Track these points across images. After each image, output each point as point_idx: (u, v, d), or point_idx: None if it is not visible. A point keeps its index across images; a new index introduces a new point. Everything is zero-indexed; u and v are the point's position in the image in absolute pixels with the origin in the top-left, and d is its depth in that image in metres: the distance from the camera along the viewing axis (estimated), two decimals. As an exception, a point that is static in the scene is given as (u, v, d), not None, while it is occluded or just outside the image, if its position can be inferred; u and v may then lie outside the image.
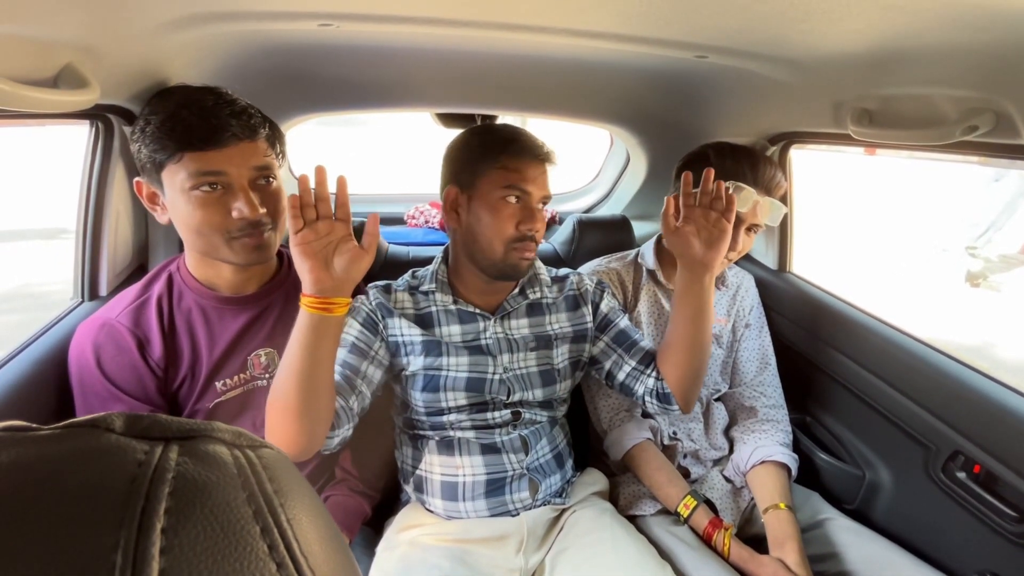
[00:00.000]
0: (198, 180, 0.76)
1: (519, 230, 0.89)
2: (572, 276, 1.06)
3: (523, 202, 0.89)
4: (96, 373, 0.81)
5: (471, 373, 0.93)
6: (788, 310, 1.30)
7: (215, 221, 0.78)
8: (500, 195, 0.88)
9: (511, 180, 0.88)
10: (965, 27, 0.60)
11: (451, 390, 0.92)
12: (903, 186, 5.70)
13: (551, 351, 0.99)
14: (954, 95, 0.75)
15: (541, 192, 0.90)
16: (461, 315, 0.96)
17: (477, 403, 0.94)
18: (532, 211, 0.89)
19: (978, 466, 0.89)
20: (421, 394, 0.92)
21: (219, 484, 0.20)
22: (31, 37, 0.56)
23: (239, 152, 0.78)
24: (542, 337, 0.99)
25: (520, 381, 0.96)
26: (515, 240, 0.89)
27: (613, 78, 1.21)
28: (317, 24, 0.77)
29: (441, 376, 0.92)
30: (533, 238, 0.90)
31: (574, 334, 1.01)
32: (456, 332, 0.95)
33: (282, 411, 0.74)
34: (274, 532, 0.20)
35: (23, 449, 0.19)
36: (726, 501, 1.09)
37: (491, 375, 0.94)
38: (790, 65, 0.89)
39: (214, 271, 0.88)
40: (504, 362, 0.95)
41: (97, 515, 0.17)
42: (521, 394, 0.96)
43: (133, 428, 0.21)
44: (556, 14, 0.76)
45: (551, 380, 0.98)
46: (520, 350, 0.97)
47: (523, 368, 0.97)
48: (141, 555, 0.17)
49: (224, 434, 0.22)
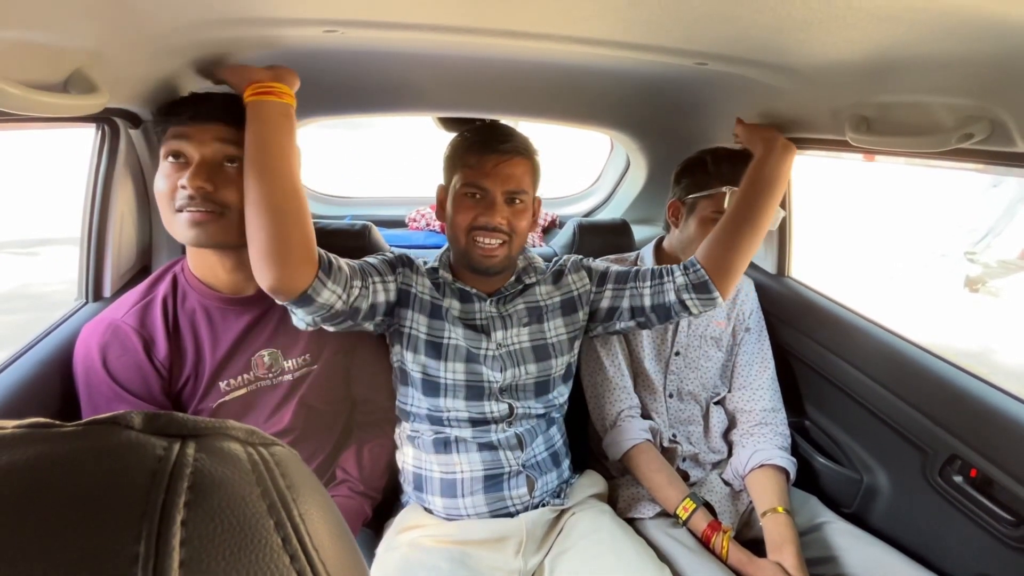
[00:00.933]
0: (167, 149, 0.82)
1: (477, 221, 0.93)
2: (557, 259, 1.11)
3: (484, 198, 0.93)
4: (102, 373, 0.82)
5: (468, 346, 0.96)
6: (787, 314, 1.31)
7: (165, 191, 0.82)
8: (463, 191, 0.94)
9: (470, 177, 0.93)
10: (960, 38, 0.61)
11: (451, 360, 0.95)
12: (902, 191, 5.72)
13: (543, 324, 1.01)
14: (950, 103, 0.76)
15: (503, 186, 0.92)
16: (461, 293, 1.00)
17: (473, 383, 0.96)
18: (492, 204, 0.92)
19: (975, 470, 0.90)
20: (423, 358, 0.95)
21: (234, 479, 0.21)
22: (43, 43, 0.57)
23: (206, 131, 0.81)
24: (534, 310, 1.02)
25: (513, 357, 0.98)
26: (474, 229, 0.93)
27: (613, 84, 1.22)
28: (322, 31, 0.78)
29: (442, 343, 0.96)
30: (495, 228, 0.92)
31: (563, 304, 1.03)
32: (456, 306, 0.99)
33: (253, 216, 0.76)
34: (287, 526, 0.21)
35: (48, 445, 0.20)
36: (725, 504, 1.10)
37: (485, 350, 0.97)
38: (788, 72, 0.90)
39: (210, 270, 0.89)
40: (498, 338, 0.98)
41: (120, 507, 0.18)
42: (514, 371, 0.98)
43: (151, 425, 0.21)
44: (558, 22, 0.77)
45: (545, 355, 1.00)
46: (513, 326, 1.00)
47: (516, 344, 0.99)
48: (163, 546, 0.17)
49: (238, 432, 0.23)
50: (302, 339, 0.94)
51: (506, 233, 0.94)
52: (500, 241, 0.93)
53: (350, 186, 1.71)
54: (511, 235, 0.94)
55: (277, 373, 0.93)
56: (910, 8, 0.54)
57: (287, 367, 0.94)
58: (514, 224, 0.94)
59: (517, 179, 0.94)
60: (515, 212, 0.94)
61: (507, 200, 0.93)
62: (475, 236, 0.93)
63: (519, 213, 0.95)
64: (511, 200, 0.94)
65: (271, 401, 0.93)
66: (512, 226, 0.94)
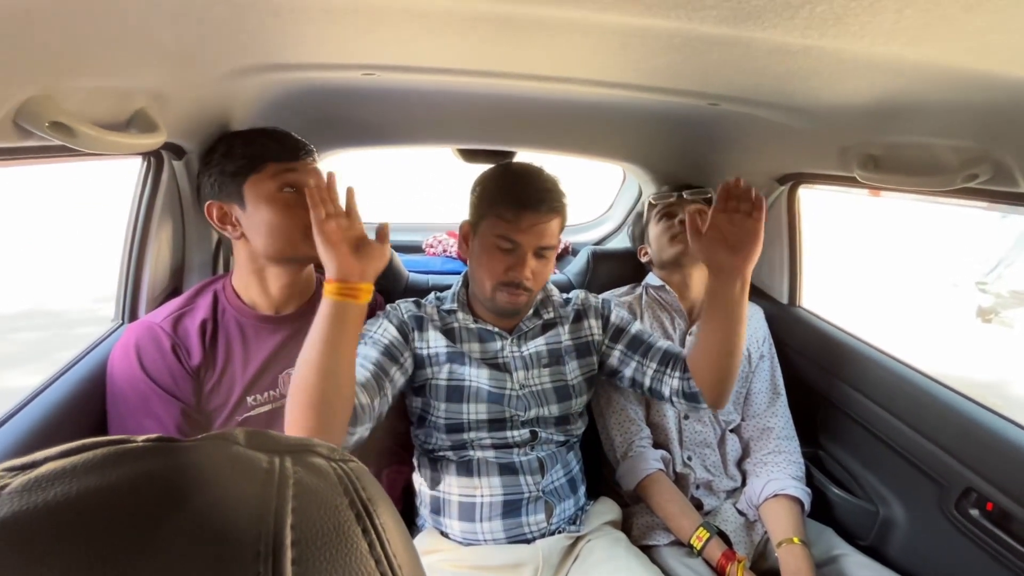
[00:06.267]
0: (282, 183, 0.90)
1: (507, 275, 0.93)
2: (576, 294, 1.11)
3: (515, 251, 0.92)
4: (138, 370, 0.87)
5: (492, 387, 0.97)
6: (799, 343, 1.32)
7: (295, 220, 0.90)
8: (494, 241, 0.93)
9: (503, 230, 0.92)
10: (959, 88, 0.65)
11: (473, 401, 0.96)
12: (914, 221, 5.73)
13: (563, 367, 1.02)
14: (954, 145, 0.79)
15: (536, 242, 0.92)
16: (481, 333, 1.01)
17: (497, 419, 0.97)
18: (522, 259, 0.92)
19: (991, 504, 0.90)
20: (444, 404, 0.96)
21: (327, 490, 0.24)
22: (113, 87, 0.62)
23: (307, 166, 0.93)
24: (554, 352, 1.03)
25: (536, 397, 0.99)
26: (502, 283, 0.93)
27: (628, 120, 1.27)
28: (361, 73, 0.84)
29: (464, 387, 0.96)
30: (521, 284, 0.93)
31: (577, 347, 1.05)
32: (476, 349, 1.00)
33: (303, 405, 0.74)
34: (371, 533, 0.24)
35: (173, 457, 0.23)
36: (739, 535, 1.09)
37: (509, 391, 0.98)
38: (798, 113, 0.95)
39: (262, 289, 0.96)
40: (520, 379, 0.99)
41: (241, 512, 0.21)
42: (538, 410, 0.99)
43: (252, 442, 0.25)
44: (577, 67, 0.83)
45: (566, 396, 1.02)
46: (535, 366, 1.01)
47: (538, 384, 1.00)
48: (278, 546, 0.20)
49: (322, 449, 0.27)
50: None
51: (531, 287, 0.95)
52: (525, 293, 0.95)
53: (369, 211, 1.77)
54: (535, 285, 0.96)
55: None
56: (909, 63, 0.59)
57: (312, 387, 0.97)
58: (540, 275, 0.95)
59: (549, 236, 0.94)
60: (542, 264, 0.95)
61: (536, 254, 0.94)
62: (503, 289, 0.94)
63: (546, 264, 0.96)
64: (540, 255, 0.94)
65: None
66: (538, 278, 0.95)
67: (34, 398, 0.82)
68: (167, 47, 0.62)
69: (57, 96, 0.55)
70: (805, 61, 0.65)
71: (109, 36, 0.55)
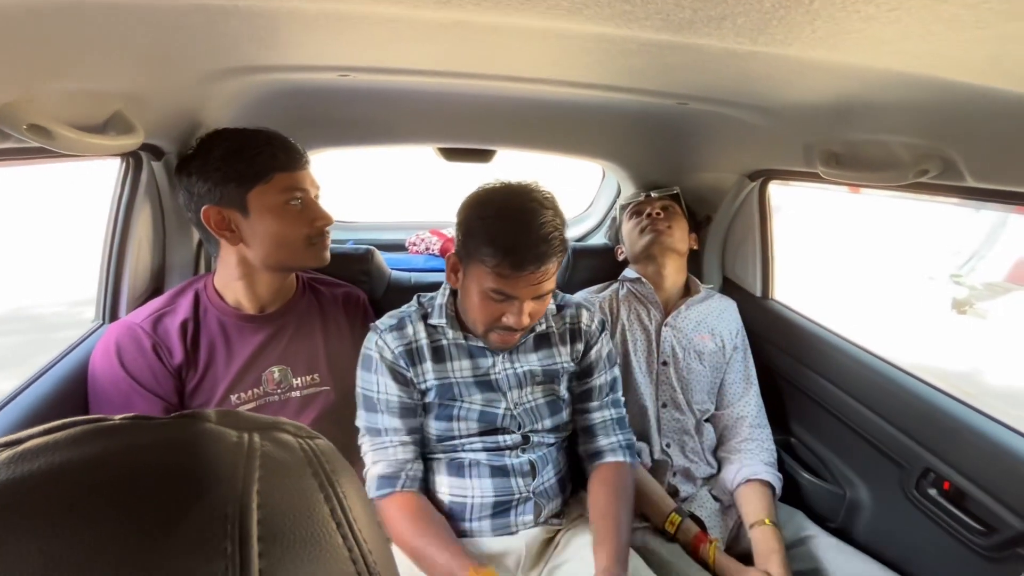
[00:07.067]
0: (288, 195, 0.91)
1: (501, 321, 0.89)
2: (571, 308, 1.06)
3: (511, 300, 0.87)
4: (119, 369, 0.88)
5: (484, 407, 0.97)
6: (771, 335, 1.36)
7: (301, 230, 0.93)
8: (487, 289, 0.86)
9: (498, 284, 0.85)
10: (909, 88, 0.69)
11: (464, 420, 0.96)
12: (891, 218, 5.86)
13: (556, 385, 1.02)
14: (906, 143, 0.83)
15: (535, 293, 0.87)
16: (471, 350, 0.98)
17: (489, 431, 0.98)
18: (519, 308, 0.86)
19: (948, 483, 0.94)
20: (435, 423, 0.97)
21: (292, 462, 0.26)
22: (91, 90, 0.64)
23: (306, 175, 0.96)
24: (549, 371, 1.01)
25: (530, 415, 1.00)
26: (496, 327, 0.90)
27: (603, 119, 1.31)
28: (337, 75, 0.86)
29: (455, 407, 0.96)
30: (514, 328, 0.89)
31: (572, 367, 1.05)
32: (467, 367, 0.97)
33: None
34: (333, 500, 0.26)
35: (150, 432, 0.25)
36: (714, 520, 1.13)
37: (502, 410, 0.98)
38: (762, 112, 0.98)
39: (249, 291, 0.97)
40: (514, 398, 0.98)
41: (211, 480, 0.23)
42: (531, 426, 1.00)
43: (223, 420, 0.27)
44: (551, 68, 0.85)
45: (558, 409, 1.02)
46: (528, 384, 0.99)
47: (531, 402, 1.00)
48: (245, 508, 0.23)
49: (289, 427, 0.29)
50: (312, 358, 1.00)
51: (527, 326, 0.90)
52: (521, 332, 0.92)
53: (350, 210, 1.77)
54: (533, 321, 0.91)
55: (286, 389, 0.98)
56: (858, 67, 0.62)
57: (295, 384, 0.99)
58: (537, 313, 0.91)
59: (548, 282, 0.87)
60: (540, 303, 0.90)
61: (534, 298, 0.88)
62: (496, 331, 0.91)
63: (543, 302, 0.90)
64: (538, 297, 0.89)
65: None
66: (535, 316, 0.91)
67: (14, 398, 0.82)
68: (144, 51, 0.63)
69: (35, 99, 0.57)
70: (756, 64, 0.68)
71: (86, 40, 0.56)
